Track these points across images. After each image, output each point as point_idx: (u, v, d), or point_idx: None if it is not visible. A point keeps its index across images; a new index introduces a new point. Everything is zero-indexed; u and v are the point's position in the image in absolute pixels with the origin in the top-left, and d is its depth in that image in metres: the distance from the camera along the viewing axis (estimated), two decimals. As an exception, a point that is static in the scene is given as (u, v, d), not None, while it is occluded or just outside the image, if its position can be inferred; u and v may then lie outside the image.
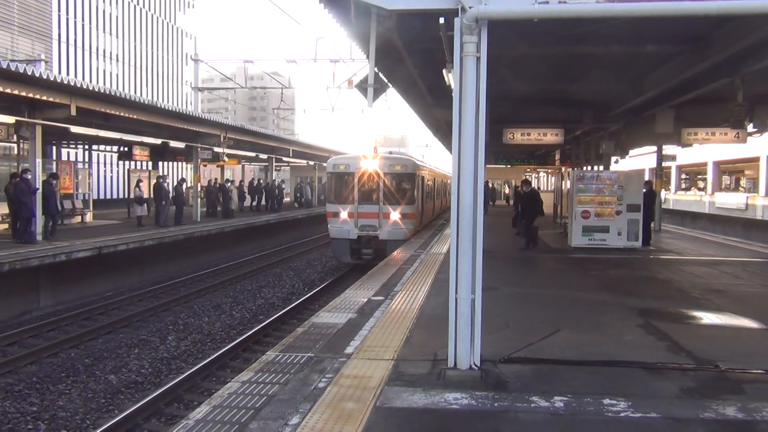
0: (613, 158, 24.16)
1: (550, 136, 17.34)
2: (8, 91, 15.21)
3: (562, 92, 15.05)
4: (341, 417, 5.12)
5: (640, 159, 34.78)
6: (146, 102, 21.37)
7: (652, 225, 19.57)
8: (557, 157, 28.95)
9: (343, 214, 20.63)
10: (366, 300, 10.06)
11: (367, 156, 20.94)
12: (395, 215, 20.42)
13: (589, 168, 22.96)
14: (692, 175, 46.33)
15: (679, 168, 43.85)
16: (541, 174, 49.89)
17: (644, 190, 17.99)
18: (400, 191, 20.91)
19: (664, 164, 25.83)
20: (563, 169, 28.46)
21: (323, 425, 4.95)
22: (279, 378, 6.15)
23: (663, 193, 31.13)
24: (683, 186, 46.79)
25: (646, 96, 13.71)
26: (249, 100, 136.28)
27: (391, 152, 26.20)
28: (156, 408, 9.27)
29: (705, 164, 40.01)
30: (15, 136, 18.84)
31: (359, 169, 20.72)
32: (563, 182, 27.20)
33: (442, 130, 25.50)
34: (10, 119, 16.95)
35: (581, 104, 16.96)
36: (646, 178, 24.82)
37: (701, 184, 43.19)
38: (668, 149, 25.08)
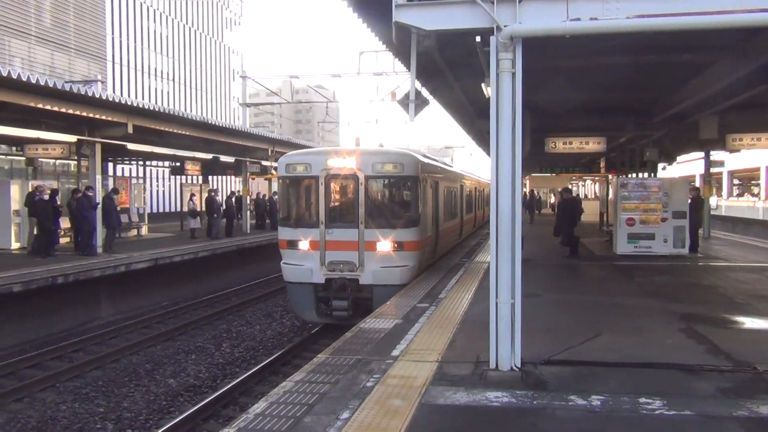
0: (661, 165, 24.03)
1: (593, 145, 17.41)
2: (70, 111, 16.10)
3: (603, 101, 15.16)
4: (388, 413, 5.48)
5: (689, 165, 34.30)
6: (197, 119, 22.23)
7: (700, 232, 19.42)
8: (602, 164, 28.82)
9: (303, 244, 13.34)
10: (411, 307, 10.40)
11: (340, 151, 13.57)
12: (385, 244, 13.02)
13: (634, 175, 22.86)
14: (745, 181, 45.35)
15: (731, 173, 43.00)
16: (587, 182, 49.46)
17: (691, 197, 17.91)
18: (394, 205, 13.98)
19: (714, 170, 25.48)
20: (610, 176, 28.33)
21: (371, 420, 5.32)
22: (330, 378, 6.55)
23: (714, 200, 30.69)
24: (736, 192, 45.81)
25: (687, 103, 13.74)
26: (294, 114, 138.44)
27: (380, 145, 18.18)
28: (213, 410, 9.78)
29: (758, 169, 39.16)
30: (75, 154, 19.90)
31: (326, 170, 13.26)
32: (608, 190, 27.09)
33: (485, 140, 25.68)
34: (72, 138, 17.91)
35: (622, 112, 17.00)
36: (696, 184, 24.61)
37: (755, 190, 42.23)
38: (716, 155, 24.78)
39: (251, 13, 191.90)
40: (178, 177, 35.91)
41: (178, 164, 28.55)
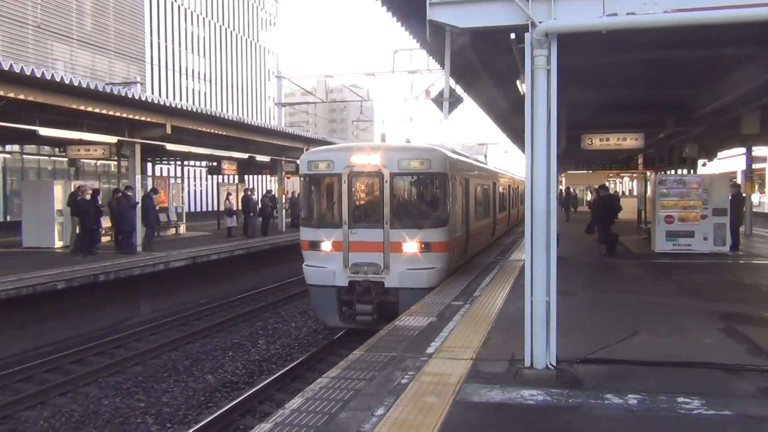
0: (701, 161, 23.57)
1: (630, 141, 17.18)
2: (111, 113, 16.48)
3: (641, 97, 14.95)
4: (423, 409, 5.51)
5: (730, 161, 33.54)
6: (234, 119, 22.53)
7: (741, 229, 19.01)
8: (640, 161, 28.38)
9: (325, 245, 12.88)
10: (446, 305, 10.40)
11: (363, 147, 13.19)
12: (411, 245, 12.47)
13: (673, 172, 22.47)
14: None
15: (775, 170, 41.93)
16: (624, 179, 48.72)
17: (732, 194, 17.55)
18: (421, 204, 13.26)
19: (756, 166, 24.90)
20: (647, 173, 27.89)
21: (407, 416, 5.35)
22: (364, 374, 6.60)
23: (756, 196, 29.93)
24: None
25: (728, 98, 13.48)
26: (328, 113, 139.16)
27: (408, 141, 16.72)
28: (250, 405, 9.92)
29: (802, 165, 38.12)
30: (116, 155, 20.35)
31: (349, 167, 12.75)
32: (646, 187, 26.67)
33: (520, 137, 25.42)
34: (113, 139, 18.31)
35: (661, 108, 16.73)
36: (738, 180, 24.07)
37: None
38: (759, 150, 24.20)
39: (286, 13, 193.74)
40: (214, 176, 36.38)
41: (214, 164, 28.94)
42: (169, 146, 20.84)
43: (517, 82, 9.56)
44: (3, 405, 9.88)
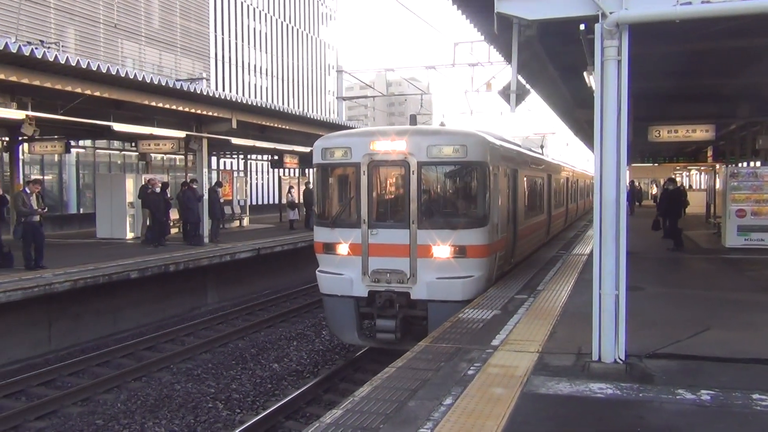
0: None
1: (700, 133, 16.68)
2: (180, 108, 17.01)
3: (712, 87, 14.49)
4: (491, 400, 5.56)
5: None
6: (297, 113, 22.92)
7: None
8: (709, 153, 27.51)
9: (342, 248, 11.03)
10: (509, 298, 10.38)
11: (386, 131, 11.09)
12: (443, 250, 10.45)
13: (745, 164, 21.69)
14: None
15: None
16: (692, 172, 47.25)
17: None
18: (456, 199, 11.45)
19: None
20: (717, 166, 27.02)
21: (474, 406, 5.41)
22: (431, 365, 6.69)
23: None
24: None
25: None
26: (387, 107, 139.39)
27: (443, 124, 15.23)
28: (315, 394, 10.14)
29: None
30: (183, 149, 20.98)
31: (369, 155, 10.79)
32: (716, 180, 25.84)
33: (584, 129, 25.07)
34: (181, 134, 18.89)
35: (733, 98, 16.16)
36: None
37: None
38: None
39: (346, 7, 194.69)
40: (277, 170, 37.02)
41: (276, 158, 29.44)
42: (235, 140, 21.34)
43: (585, 73, 9.45)
44: (83, 388, 10.39)
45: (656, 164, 33.03)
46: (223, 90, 54.25)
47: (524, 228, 14.43)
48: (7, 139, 20.46)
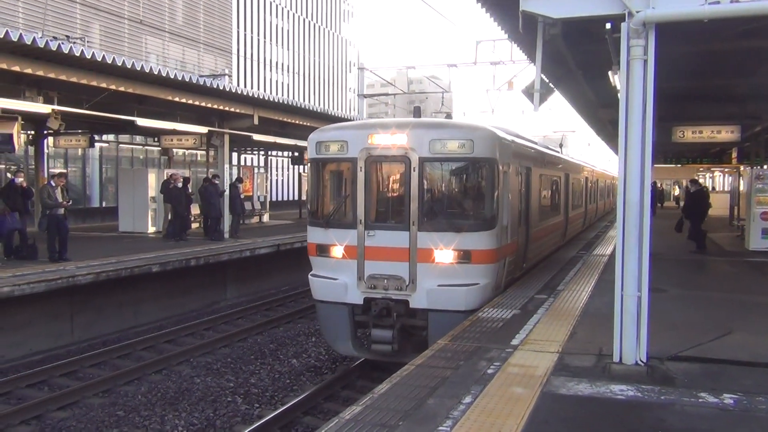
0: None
1: (725, 134, 16.45)
2: (203, 104, 17.16)
3: (738, 87, 14.29)
4: (511, 399, 5.54)
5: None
6: (318, 110, 23.01)
7: None
8: (734, 155, 27.15)
9: (336, 250, 10.27)
10: (529, 298, 10.33)
11: (386, 124, 10.38)
12: (446, 254, 9.65)
13: (770, 167, 21.38)
14: None
15: None
16: (716, 173, 46.68)
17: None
18: (462, 199, 10.57)
19: None
20: (741, 168, 26.66)
21: (494, 405, 5.40)
22: (450, 363, 6.69)
23: None
24: None
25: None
26: (408, 104, 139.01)
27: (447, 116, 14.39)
28: (333, 390, 10.16)
29: None
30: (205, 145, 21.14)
31: (367, 150, 10.00)
32: (740, 182, 25.52)
33: (606, 129, 24.84)
34: (203, 129, 19.03)
35: (760, 99, 15.94)
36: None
37: None
38: None
39: (367, 4, 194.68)
40: (297, 166, 37.15)
41: (297, 154, 29.55)
42: (256, 136, 21.45)
43: (609, 73, 9.37)
44: (104, 380, 10.51)
45: (679, 165, 32.64)
46: (245, 86, 54.53)
47: (538, 230, 13.69)
48: (32, 132, 20.73)
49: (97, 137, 22.76)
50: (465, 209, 10.30)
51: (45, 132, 20.48)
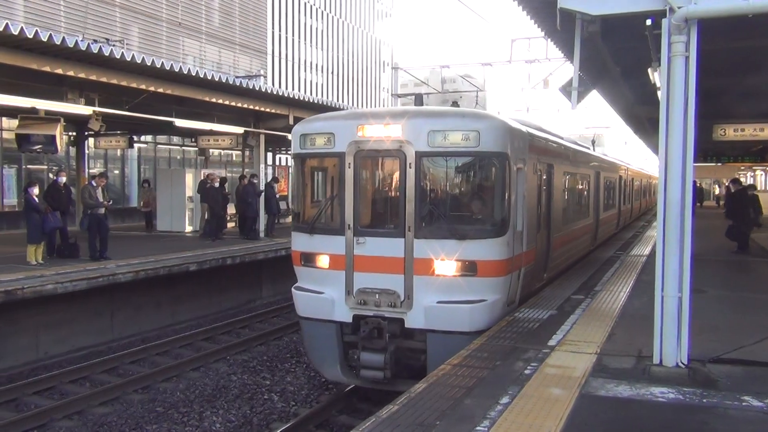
0: None
1: (769, 131, 16.09)
2: (240, 104, 17.33)
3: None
4: (548, 401, 5.49)
5: None
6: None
7: None
8: (778, 153, 26.51)
9: (321, 260, 9.01)
10: (566, 298, 10.23)
11: (378, 114, 8.96)
12: (448, 265, 8.28)
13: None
14: None
15: None
16: (758, 172, 45.63)
17: None
18: (465, 201, 9.11)
19: None
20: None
21: (532, 406, 5.36)
22: (486, 363, 6.66)
23: None
24: None
25: None
26: (441, 104, 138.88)
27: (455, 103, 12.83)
28: (368, 390, 10.17)
29: None
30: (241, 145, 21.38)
31: (356, 144, 8.65)
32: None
33: (644, 127, 24.45)
34: (240, 130, 19.24)
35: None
36: None
37: None
38: None
39: (401, 4, 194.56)
40: (331, 166, 37.44)
41: (332, 153, 29.75)
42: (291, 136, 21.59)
43: (649, 70, 9.23)
44: (144, 376, 10.70)
45: (719, 164, 31.96)
46: (280, 87, 55.02)
47: (562, 235, 12.26)
48: (74, 134, 21.20)
49: (135, 138, 23.16)
50: (470, 213, 8.91)
51: (86, 133, 20.94)
